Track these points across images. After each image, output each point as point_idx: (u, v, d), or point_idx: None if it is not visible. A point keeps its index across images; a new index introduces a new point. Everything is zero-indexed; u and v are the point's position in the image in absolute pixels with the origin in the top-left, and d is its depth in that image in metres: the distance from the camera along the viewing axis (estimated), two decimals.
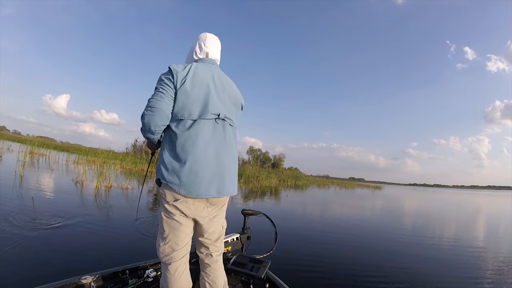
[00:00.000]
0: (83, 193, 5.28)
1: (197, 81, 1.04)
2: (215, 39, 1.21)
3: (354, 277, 2.54)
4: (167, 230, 1.05)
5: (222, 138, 1.08)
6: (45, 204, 3.91)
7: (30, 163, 9.38)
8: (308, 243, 3.68)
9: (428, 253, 3.77)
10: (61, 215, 3.38)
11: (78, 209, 3.92)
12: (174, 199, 1.02)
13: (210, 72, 1.10)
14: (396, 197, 19.51)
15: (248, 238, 2.13)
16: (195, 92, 1.03)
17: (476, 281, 2.78)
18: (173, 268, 1.06)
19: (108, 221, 3.61)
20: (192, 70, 1.05)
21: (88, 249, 2.45)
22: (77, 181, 6.43)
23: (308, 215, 6.70)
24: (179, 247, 1.06)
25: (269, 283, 1.59)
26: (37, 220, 3.07)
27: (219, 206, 1.14)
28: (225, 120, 1.10)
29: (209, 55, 1.18)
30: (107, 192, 5.74)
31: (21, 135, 36.38)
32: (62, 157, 13.21)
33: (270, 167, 30.83)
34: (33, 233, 2.65)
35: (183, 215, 1.04)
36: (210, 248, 1.15)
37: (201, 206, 1.06)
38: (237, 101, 1.18)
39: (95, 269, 1.48)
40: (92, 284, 1.34)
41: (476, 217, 9.99)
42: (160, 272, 1.58)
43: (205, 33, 1.21)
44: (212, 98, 1.06)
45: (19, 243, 2.35)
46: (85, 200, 4.69)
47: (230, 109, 1.14)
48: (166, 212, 1.04)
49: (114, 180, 7.02)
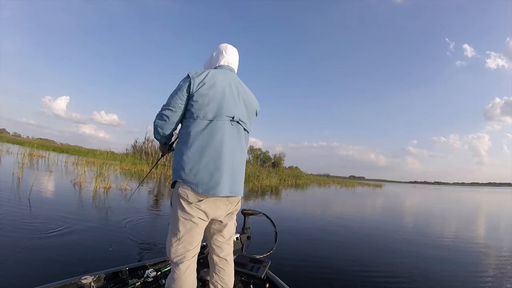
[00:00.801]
0: (81, 195, 5.25)
1: (214, 85, 1.09)
2: (234, 49, 1.30)
3: (354, 277, 2.54)
4: (183, 230, 1.06)
5: (236, 139, 1.13)
6: (42, 206, 3.88)
7: (29, 165, 9.37)
8: (308, 243, 3.68)
9: (431, 250, 3.77)
10: (58, 217, 3.37)
11: (75, 210, 3.91)
12: (196, 199, 1.03)
13: (227, 78, 1.16)
14: (397, 195, 19.53)
15: (248, 238, 2.14)
16: (211, 94, 1.08)
17: (478, 275, 2.79)
18: (184, 267, 1.08)
19: (106, 221, 3.61)
20: (210, 75, 1.11)
21: (84, 250, 2.44)
22: (75, 183, 6.40)
23: (309, 214, 6.70)
24: (192, 247, 1.09)
25: (269, 283, 1.60)
26: (33, 222, 3.05)
27: (233, 204, 1.17)
28: (239, 123, 1.15)
29: (228, 63, 1.25)
30: (105, 193, 5.72)
31: (20, 138, 36.31)
32: (61, 159, 13.19)
33: (270, 166, 30.84)
34: (29, 235, 2.63)
35: (202, 216, 1.06)
36: (223, 247, 1.19)
37: (218, 205, 1.10)
38: (252, 107, 1.23)
39: (94, 270, 1.48)
40: (92, 284, 1.34)
41: (478, 214, 10.00)
42: (160, 272, 1.60)
43: (226, 44, 1.29)
44: (227, 101, 1.11)
45: (14, 245, 2.34)
46: (82, 202, 4.66)
47: (244, 114, 1.19)
48: (184, 213, 1.05)
49: (113, 181, 7.00)
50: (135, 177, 10.42)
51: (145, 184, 9.16)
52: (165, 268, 1.65)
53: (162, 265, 1.73)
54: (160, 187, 8.79)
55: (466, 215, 9.61)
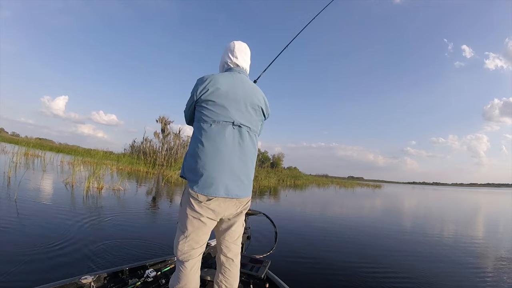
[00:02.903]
0: (72, 195, 5.15)
1: (216, 90, 1.12)
2: (242, 46, 1.28)
3: (354, 277, 2.54)
4: (190, 229, 1.09)
5: (237, 143, 1.13)
6: (29, 206, 3.80)
7: (23, 164, 9.28)
8: (308, 243, 3.68)
9: (431, 250, 3.80)
10: (44, 216, 3.32)
11: (63, 210, 3.82)
12: (205, 198, 1.07)
13: (232, 81, 1.17)
14: (397, 196, 19.66)
15: (248, 238, 2.13)
16: (213, 99, 1.12)
17: (478, 274, 2.81)
18: (190, 265, 1.11)
19: (96, 221, 3.54)
20: (214, 81, 1.14)
21: (71, 251, 2.38)
22: (67, 182, 6.32)
23: (309, 215, 6.71)
24: (198, 245, 1.12)
25: (269, 283, 1.60)
26: (18, 222, 3.00)
27: (242, 204, 1.18)
28: (241, 127, 1.14)
29: (237, 65, 1.25)
30: (97, 194, 5.62)
31: (19, 137, 35.87)
32: (57, 158, 13.10)
33: (269, 166, 30.86)
34: (15, 233, 2.60)
35: (211, 215, 1.09)
36: (231, 247, 1.21)
37: (228, 205, 1.11)
38: (258, 109, 1.22)
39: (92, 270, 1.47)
40: (92, 284, 1.34)
41: (477, 214, 10.09)
42: (160, 272, 1.59)
43: (233, 42, 1.28)
44: (229, 105, 1.13)
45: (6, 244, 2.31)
46: (72, 201, 4.56)
47: (248, 116, 1.18)
48: (192, 212, 1.08)
49: (107, 181, 6.92)
50: (131, 177, 10.37)
51: (142, 184, 9.12)
52: (165, 268, 1.64)
53: (162, 265, 1.72)
54: (159, 188, 8.73)
55: (466, 215, 9.69)
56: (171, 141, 20.70)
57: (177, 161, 18.35)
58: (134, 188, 7.44)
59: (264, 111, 1.26)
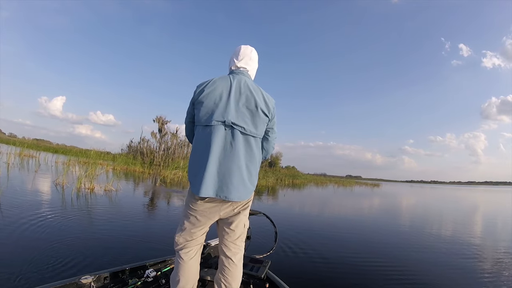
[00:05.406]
0: (62, 195, 5.05)
1: (211, 91, 1.17)
2: (248, 50, 1.32)
3: (354, 276, 2.56)
4: (185, 223, 1.20)
5: (228, 144, 1.13)
6: (13, 206, 3.70)
7: (17, 164, 9.16)
8: (308, 243, 3.66)
9: (432, 249, 3.83)
10: (30, 217, 3.25)
11: (50, 210, 3.74)
12: (194, 197, 1.15)
13: (229, 82, 1.20)
14: (395, 194, 19.74)
15: (248, 238, 2.14)
16: (207, 101, 1.16)
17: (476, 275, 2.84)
18: (186, 257, 1.20)
19: (88, 221, 3.51)
20: (211, 83, 1.19)
21: (57, 252, 2.32)
22: (57, 183, 6.22)
23: (307, 214, 6.72)
24: (191, 238, 1.21)
25: (269, 283, 1.60)
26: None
27: (242, 204, 1.21)
28: (233, 127, 1.14)
29: (238, 67, 1.29)
30: (88, 194, 5.51)
31: (16, 138, 35.26)
32: (51, 159, 12.97)
33: (267, 166, 30.88)
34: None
35: (206, 213, 1.17)
36: (230, 246, 1.22)
37: (223, 204, 1.16)
38: (257, 110, 1.18)
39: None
40: (92, 284, 1.33)
41: (475, 212, 10.20)
42: (160, 272, 1.59)
43: (240, 46, 1.33)
44: (221, 106, 1.14)
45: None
46: (60, 202, 4.44)
47: (242, 117, 1.16)
48: (189, 208, 1.19)
49: (99, 182, 6.83)
50: (127, 177, 10.29)
51: (137, 184, 9.05)
52: (165, 268, 1.64)
53: (162, 265, 1.72)
54: (153, 188, 8.64)
55: (464, 213, 9.76)
56: (169, 141, 20.63)
57: (174, 161, 18.25)
58: (127, 188, 7.33)
59: (265, 111, 1.22)
